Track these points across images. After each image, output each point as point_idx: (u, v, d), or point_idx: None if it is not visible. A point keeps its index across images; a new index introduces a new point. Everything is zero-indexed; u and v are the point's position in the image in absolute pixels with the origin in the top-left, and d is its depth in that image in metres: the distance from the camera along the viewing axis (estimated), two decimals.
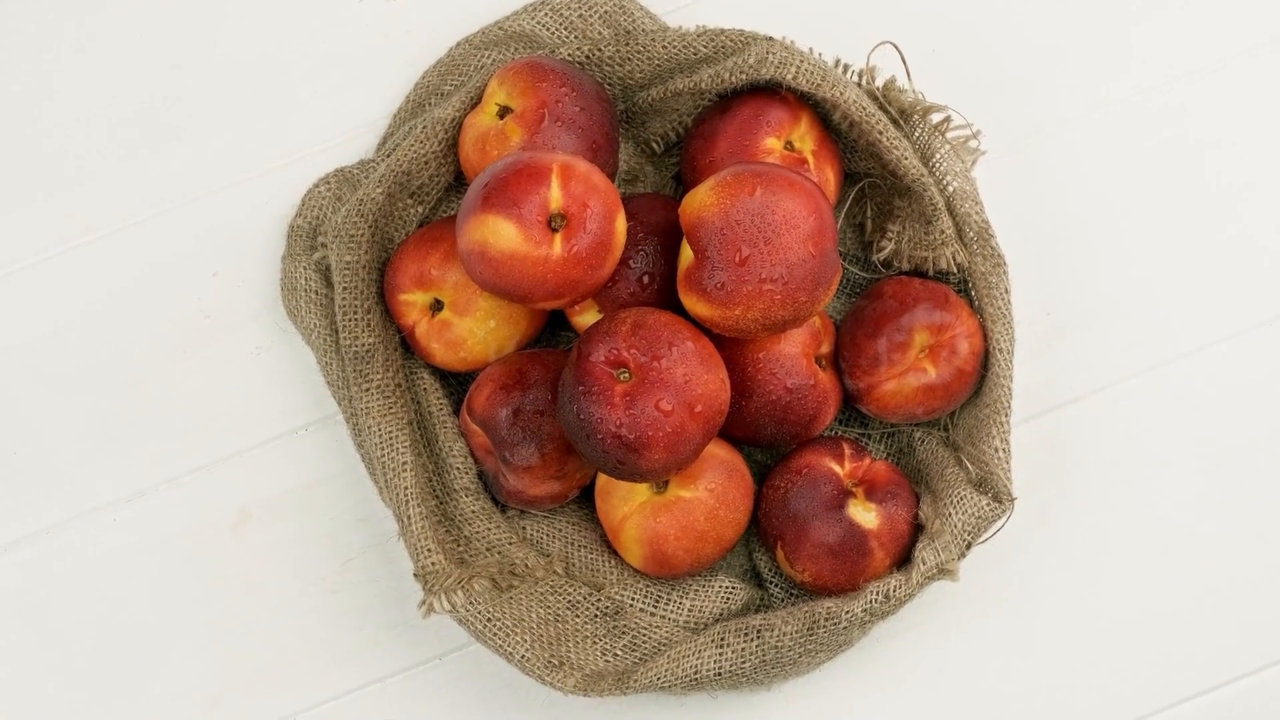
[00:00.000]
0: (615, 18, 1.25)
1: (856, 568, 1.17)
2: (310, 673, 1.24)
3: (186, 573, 1.26)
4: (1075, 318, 1.27)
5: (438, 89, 1.28)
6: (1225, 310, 1.26)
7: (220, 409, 1.28)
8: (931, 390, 1.19)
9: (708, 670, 1.15)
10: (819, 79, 1.18)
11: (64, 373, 1.28)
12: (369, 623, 1.25)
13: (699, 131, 1.22)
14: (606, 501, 1.20)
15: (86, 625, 1.25)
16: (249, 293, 1.29)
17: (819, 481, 1.18)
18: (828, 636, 1.15)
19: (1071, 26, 1.31)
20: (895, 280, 1.21)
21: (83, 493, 1.27)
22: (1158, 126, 1.29)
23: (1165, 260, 1.27)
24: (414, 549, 1.17)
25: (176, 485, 1.27)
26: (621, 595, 1.20)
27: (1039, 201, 1.28)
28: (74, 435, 1.28)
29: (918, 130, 1.21)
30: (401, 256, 1.20)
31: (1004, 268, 1.20)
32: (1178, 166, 1.29)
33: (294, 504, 1.26)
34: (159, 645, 1.25)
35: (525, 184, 1.11)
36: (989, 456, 1.18)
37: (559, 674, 1.16)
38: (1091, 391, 1.26)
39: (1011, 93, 1.30)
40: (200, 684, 1.24)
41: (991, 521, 1.17)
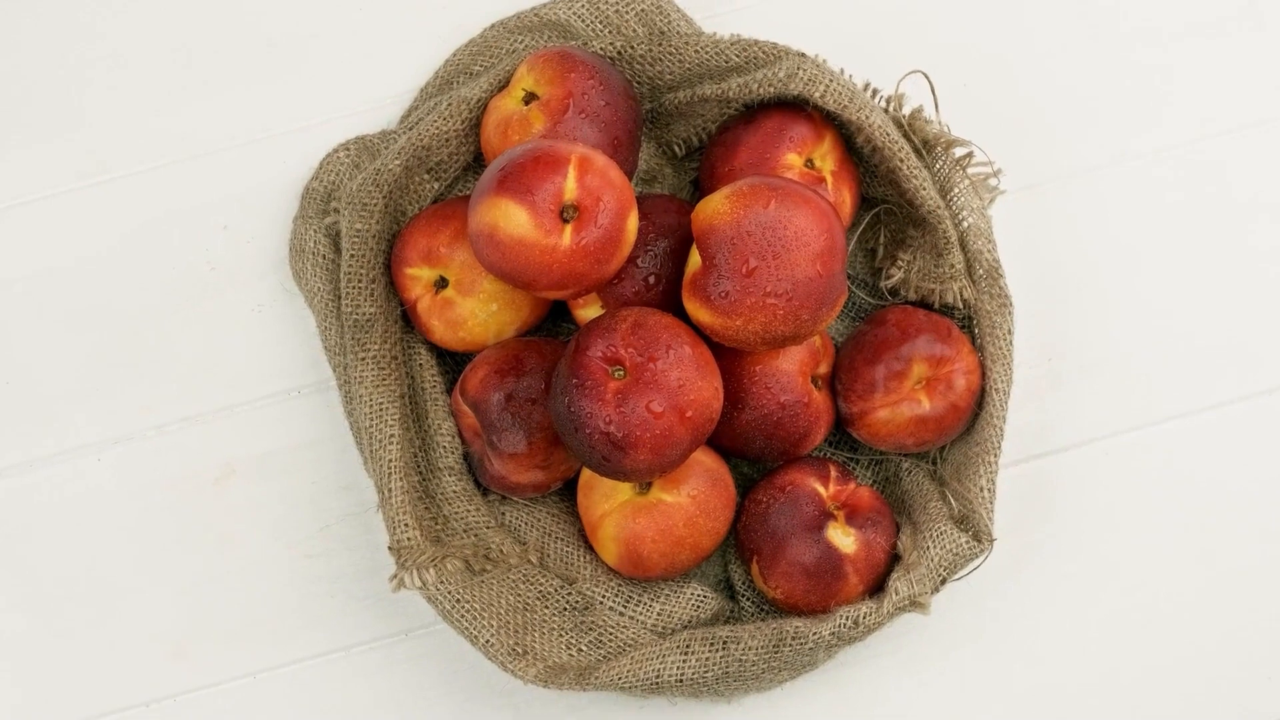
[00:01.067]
0: (651, 17, 1.25)
1: (829, 590, 1.17)
2: (276, 633, 1.24)
3: (164, 521, 1.26)
4: (1076, 366, 1.27)
5: (467, 68, 1.28)
6: (1229, 375, 1.26)
7: (216, 362, 1.28)
8: (924, 422, 1.19)
9: (670, 675, 1.15)
10: (846, 100, 1.18)
11: (65, 309, 1.29)
12: (339, 590, 1.25)
13: (721, 139, 1.22)
14: (588, 497, 1.20)
15: (59, 562, 1.26)
16: (257, 249, 1.29)
17: (801, 500, 1.18)
18: (793, 655, 1.15)
19: (1107, 75, 1.31)
20: (900, 309, 1.21)
21: (70, 430, 1.27)
22: (1182, 184, 1.29)
23: (1173, 320, 1.27)
24: (391, 522, 1.17)
25: (164, 433, 1.27)
26: (593, 591, 1.20)
27: (1054, 246, 1.28)
28: (68, 372, 1.28)
29: (939, 162, 1.21)
30: (412, 230, 1.21)
31: (1010, 308, 1.20)
32: (1198, 226, 1.28)
33: (278, 464, 1.26)
34: (130, 589, 1.25)
35: (542, 171, 1.11)
36: (973, 495, 1.18)
37: (521, 662, 1.16)
38: (1084, 442, 1.26)
39: (1038, 135, 1.30)
40: (167, 632, 1.25)
41: (969, 559, 1.17)
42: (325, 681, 1.24)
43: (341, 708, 1.23)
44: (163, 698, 1.24)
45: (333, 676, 1.24)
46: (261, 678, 1.24)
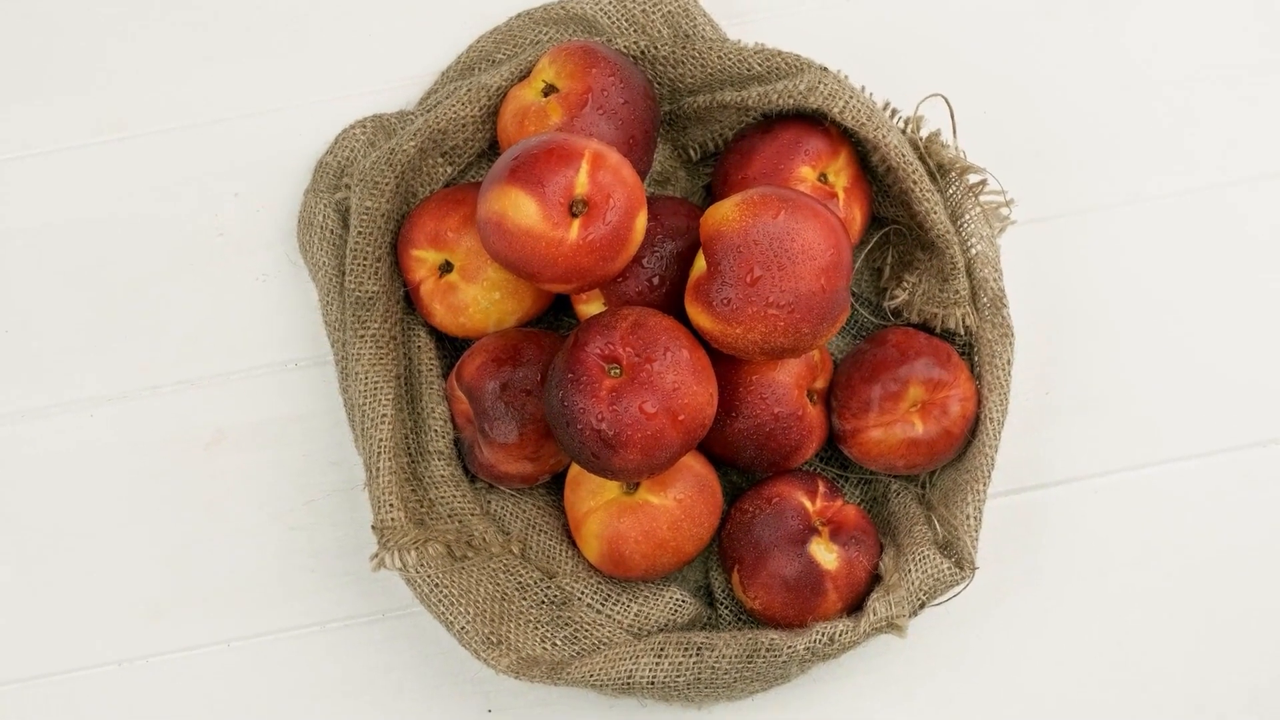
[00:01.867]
0: (678, 19, 1.25)
1: (808, 605, 1.17)
2: (254, 603, 1.24)
3: (152, 482, 1.26)
4: (1073, 402, 1.26)
5: (490, 55, 1.28)
6: (1227, 424, 1.26)
7: (216, 327, 1.28)
8: (916, 445, 1.19)
9: (642, 677, 1.15)
10: (865, 118, 1.18)
11: (70, 263, 1.29)
12: (320, 566, 1.25)
13: (737, 147, 1.22)
14: (575, 492, 1.20)
15: (43, 514, 1.26)
16: (266, 218, 1.29)
17: (787, 513, 1.18)
18: (766, 667, 1.15)
19: (1128, 114, 1.31)
20: (901, 331, 1.21)
21: (66, 384, 1.27)
22: (1195, 229, 1.29)
23: (1175, 364, 1.27)
24: (376, 501, 1.17)
25: (158, 394, 1.27)
26: (572, 587, 1.20)
27: (1060, 281, 1.28)
28: (68, 326, 1.28)
29: (953, 187, 1.21)
30: (421, 212, 1.21)
31: (1011, 339, 1.20)
32: (1209, 272, 1.28)
33: (270, 434, 1.26)
34: (112, 547, 1.25)
35: (554, 164, 1.11)
36: (959, 521, 1.18)
37: (495, 652, 1.16)
38: (1075, 478, 1.25)
39: (1055, 168, 1.30)
40: (146, 593, 1.25)
41: (949, 586, 1.17)
42: (298, 655, 1.24)
43: (312, 683, 1.23)
44: (135, 658, 1.24)
45: (306, 651, 1.24)
46: (236, 646, 1.24)
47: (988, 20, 1.31)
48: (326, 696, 1.23)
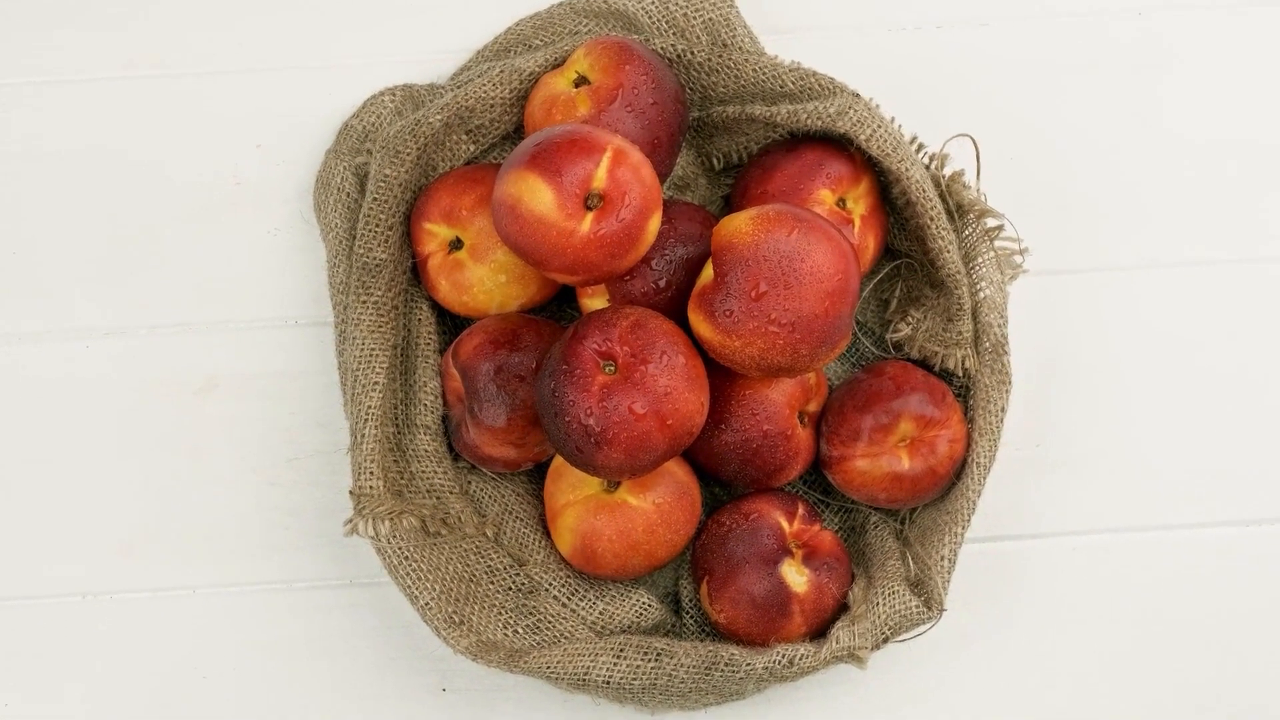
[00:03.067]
0: (717, 27, 1.25)
1: (772, 625, 1.17)
2: (225, 553, 1.25)
3: (138, 420, 1.26)
4: (1062, 458, 1.26)
5: (527, 40, 1.28)
6: (1210, 500, 1.25)
7: (221, 275, 1.28)
8: (899, 480, 1.19)
9: (598, 676, 1.15)
10: (890, 148, 1.18)
11: (84, 194, 1.29)
12: (295, 524, 1.25)
13: (760, 161, 1.22)
14: (556, 484, 1.20)
15: (28, 439, 1.26)
16: (285, 173, 1.29)
17: (763, 531, 1.18)
18: (722, 681, 1.15)
19: (1159, 178, 1.30)
20: (900, 364, 1.21)
21: (65, 313, 1.27)
22: (1208, 303, 1.28)
23: (1169, 434, 1.27)
24: (357, 468, 1.17)
25: (156, 333, 1.27)
26: (541, 577, 1.20)
27: (1065, 336, 1.28)
28: (75, 256, 1.28)
29: (969, 229, 1.21)
30: (438, 187, 1.21)
31: (1008, 386, 1.20)
32: (1215, 347, 1.28)
33: (261, 388, 1.27)
34: (91, 479, 1.25)
35: (575, 155, 1.11)
36: (933, 562, 1.17)
37: (456, 631, 1.16)
38: (1054, 534, 1.25)
39: (1075, 223, 1.29)
40: (118, 529, 1.25)
41: (916, 624, 1.17)
42: (263, 611, 1.24)
43: (271, 640, 1.23)
44: (101, 592, 1.24)
45: (271, 607, 1.24)
46: (201, 593, 1.24)
47: (1026, 67, 1.31)
48: (283, 655, 1.23)
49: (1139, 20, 1.32)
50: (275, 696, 1.23)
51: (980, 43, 1.31)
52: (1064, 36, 1.32)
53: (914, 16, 1.31)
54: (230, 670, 1.23)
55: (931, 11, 1.31)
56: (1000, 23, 1.31)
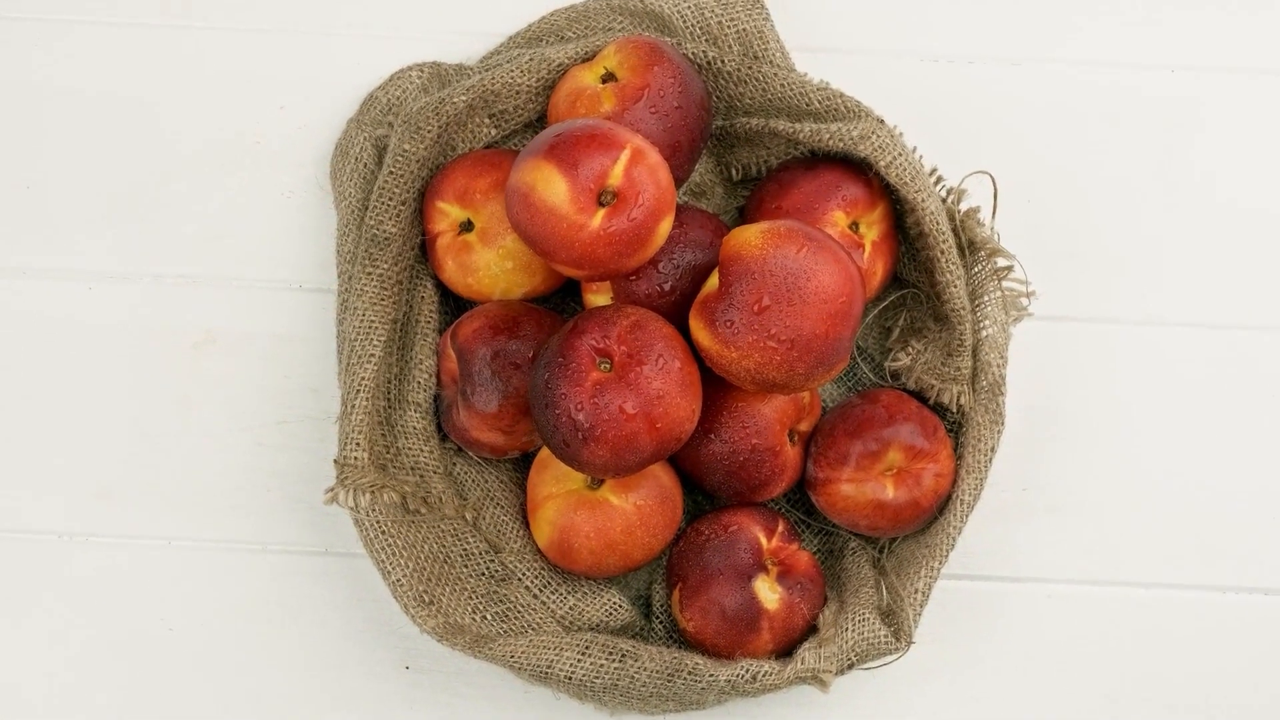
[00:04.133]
0: (750, 38, 1.24)
1: (739, 639, 1.17)
2: (204, 508, 1.25)
3: (132, 366, 1.26)
4: (1047, 504, 1.26)
5: (560, 31, 1.28)
6: (1190, 562, 1.25)
7: (231, 232, 1.28)
8: (882, 509, 1.18)
9: (561, 671, 1.15)
10: (909, 177, 1.18)
11: (104, 136, 1.29)
12: (277, 487, 1.25)
13: (778, 176, 1.22)
14: (540, 475, 1.20)
15: (20, 373, 1.26)
16: (305, 138, 1.29)
17: (740, 544, 1.18)
18: (684, 689, 1.15)
19: (1172, 238, 1.30)
20: (895, 393, 1.21)
21: (70, 252, 1.28)
22: (1213, 368, 1.28)
23: (1156, 492, 1.26)
24: (344, 437, 1.17)
25: (159, 283, 1.28)
26: (515, 566, 1.20)
27: (1063, 383, 1.27)
28: (87, 197, 1.28)
29: (979, 266, 1.21)
30: (455, 167, 1.21)
31: (1000, 427, 1.20)
32: (1214, 413, 1.27)
33: (259, 349, 1.27)
34: (77, 420, 1.25)
35: (594, 150, 1.11)
36: (906, 593, 1.17)
37: (425, 611, 1.16)
38: (1031, 579, 1.25)
39: (1085, 272, 1.29)
40: (100, 473, 1.25)
41: (883, 654, 1.17)
42: (235, 570, 1.24)
43: (241, 600, 1.24)
44: (76, 533, 1.24)
45: (244, 567, 1.24)
46: (176, 545, 1.24)
47: (1053, 111, 1.31)
48: (251, 616, 1.23)
49: (1170, 76, 1.32)
50: (239, 656, 1.23)
51: (1010, 82, 1.31)
52: (1094, 85, 1.31)
53: (947, 49, 1.31)
54: (197, 625, 1.23)
55: (965, 46, 1.31)
56: (1032, 64, 1.31)
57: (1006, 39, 1.32)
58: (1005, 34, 1.32)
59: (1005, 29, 1.32)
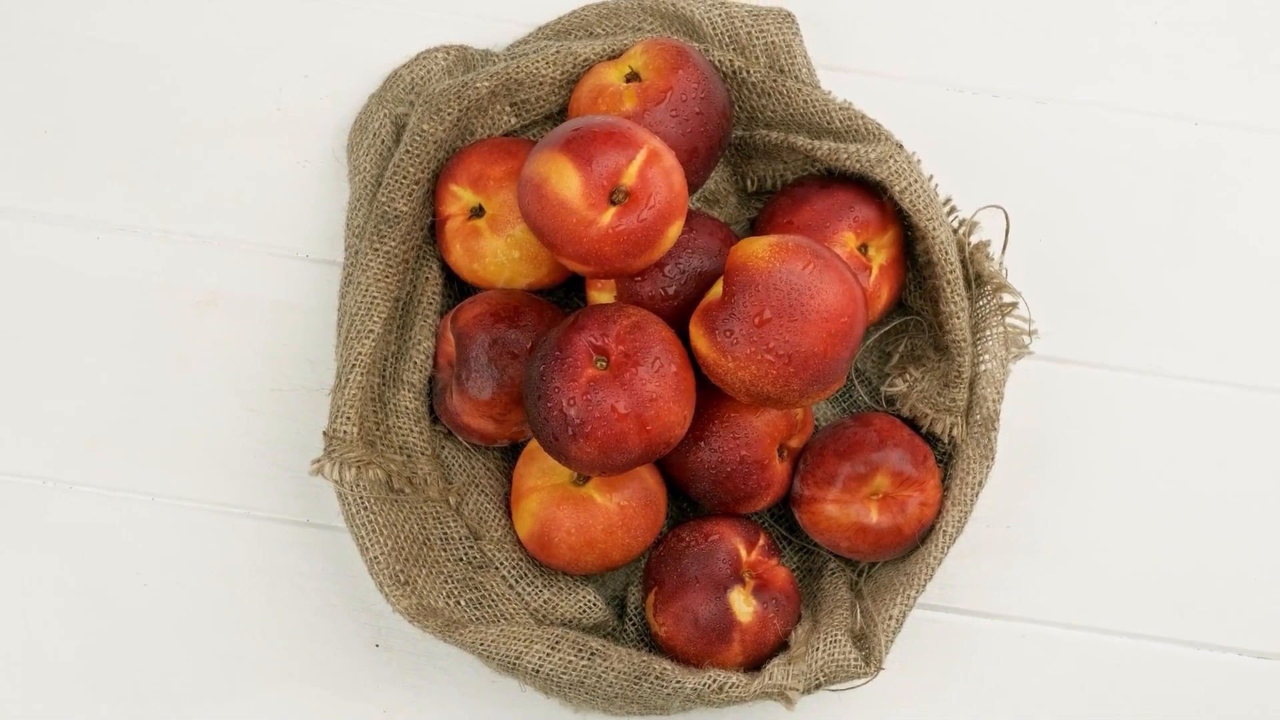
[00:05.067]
0: (777, 52, 1.24)
1: (710, 649, 1.17)
2: (190, 467, 1.25)
3: (133, 320, 1.26)
4: (1029, 544, 1.26)
5: (590, 27, 1.28)
6: (1163, 615, 1.25)
7: (244, 196, 1.28)
8: (864, 532, 1.18)
9: (529, 663, 1.15)
10: (922, 205, 1.18)
11: (127, 88, 1.29)
12: (266, 453, 1.25)
13: (792, 192, 1.22)
14: (527, 466, 1.20)
15: (18, 317, 1.26)
16: (326, 108, 1.29)
17: (719, 554, 1.18)
18: (650, 693, 1.15)
19: (1179, 291, 1.29)
20: (889, 418, 1.20)
21: (81, 199, 1.28)
22: (1207, 425, 1.28)
23: (1139, 542, 1.26)
24: (335, 410, 1.17)
25: (168, 239, 1.28)
26: (493, 554, 1.20)
27: (1057, 424, 1.27)
28: (107, 146, 1.28)
29: (983, 300, 1.21)
30: (471, 152, 1.21)
31: (990, 462, 1.20)
32: (1206, 471, 1.27)
33: (261, 314, 1.27)
34: (72, 369, 1.26)
35: (610, 147, 1.11)
36: (881, 619, 1.17)
37: (399, 591, 1.16)
38: (1005, 616, 1.25)
39: (1089, 316, 1.29)
40: (89, 424, 1.25)
41: (851, 677, 1.17)
42: (216, 532, 1.24)
43: (219, 563, 1.24)
44: (61, 480, 1.24)
45: (224, 530, 1.24)
46: (160, 501, 1.25)
47: (1073, 153, 1.31)
48: (226, 580, 1.24)
49: (1194, 129, 1.31)
50: (211, 618, 1.23)
51: (1034, 120, 1.31)
52: (1118, 130, 1.31)
53: (974, 81, 1.31)
54: (172, 584, 1.23)
55: (992, 79, 1.31)
56: (1058, 104, 1.31)
57: (1035, 76, 1.31)
58: (1034, 71, 1.31)
59: (1035, 66, 1.32)
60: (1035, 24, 1.32)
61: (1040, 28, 1.32)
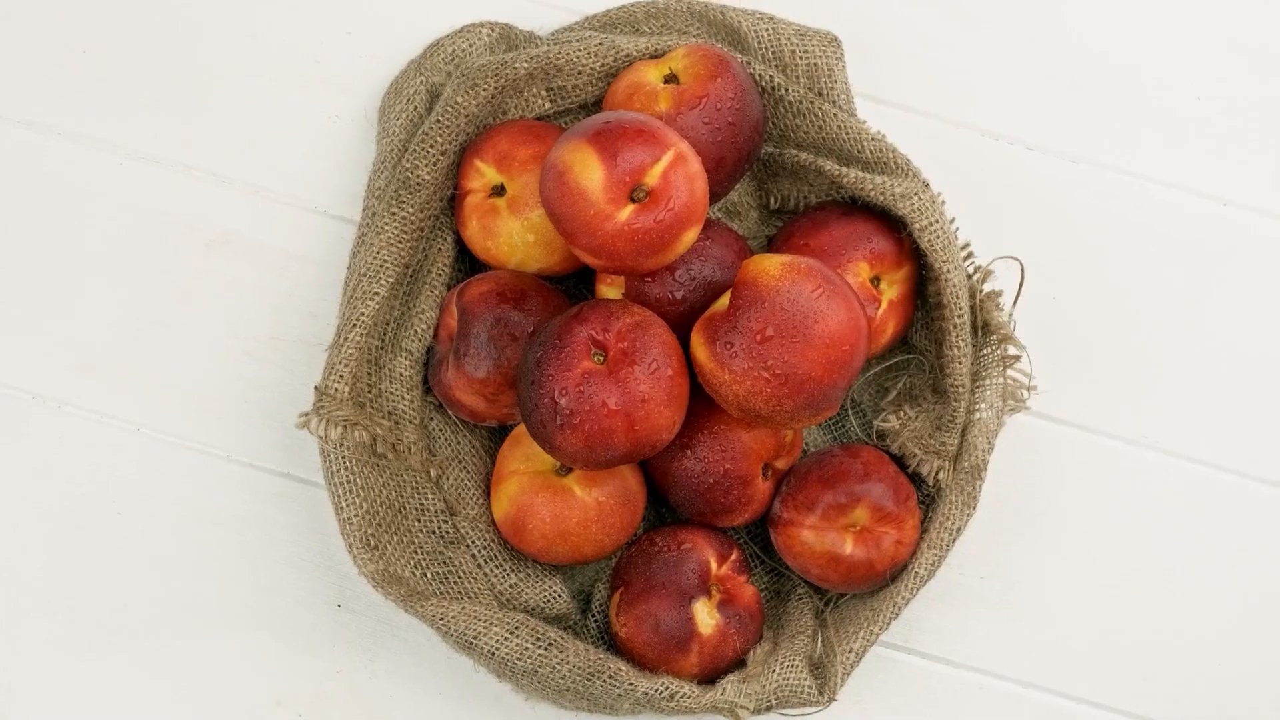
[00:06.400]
0: (818, 74, 1.24)
1: (667, 655, 1.17)
2: (177, 403, 1.25)
3: (141, 249, 1.26)
4: (999, 598, 1.26)
5: (637, 23, 1.28)
6: (1121, 686, 1.25)
7: (270, 143, 1.28)
8: (836, 562, 1.18)
9: (485, 645, 1.14)
10: (940, 246, 1.18)
11: (167, 20, 1.29)
12: (255, 399, 1.25)
13: (813, 215, 1.22)
14: (512, 449, 1.20)
15: (27, 230, 1.26)
16: (364, 68, 1.29)
17: (690, 563, 1.18)
18: (601, 692, 1.15)
19: (1184, 370, 1.29)
20: (877, 453, 1.20)
21: (109, 123, 1.28)
22: (1193, 506, 1.27)
23: (1106, 612, 1.26)
24: (330, 366, 1.17)
25: (190, 174, 1.28)
26: (467, 532, 1.20)
27: (1044, 484, 1.27)
28: (140, 73, 1.28)
29: (987, 349, 1.20)
30: (501, 130, 1.21)
31: (971, 511, 1.20)
32: (1181, 549, 1.27)
33: (269, 261, 1.27)
34: (73, 289, 1.26)
35: (638, 144, 1.10)
36: (840, 651, 1.17)
37: (367, 554, 1.16)
38: (965, 667, 1.25)
39: (1091, 382, 1.28)
40: (85, 347, 1.25)
41: (804, 704, 1.17)
42: (195, 471, 1.24)
43: (194, 502, 1.24)
44: (50, 398, 1.25)
45: (203, 470, 1.24)
46: (144, 433, 1.25)
47: (1099, 216, 1.30)
48: (198, 520, 1.24)
49: (1222, 209, 1.31)
50: (176, 555, 1.23)
51: (1063, 177, 1.31)
52: (1145, 199, 1.31)
53: (1009, 129, 1.31)
54: (145, 516, 1.24)
55: (1028, 131, 1.31)
56: (1090, 166, 1.31)
57: (1070, 134, 1.31)
58: (1070, 129, 1.31)
59: (1071, 124, 1.31)
60: (1079, 83, 1.32)
61: (1084, 88, 1.32)
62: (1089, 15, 1.32)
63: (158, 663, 1.23)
